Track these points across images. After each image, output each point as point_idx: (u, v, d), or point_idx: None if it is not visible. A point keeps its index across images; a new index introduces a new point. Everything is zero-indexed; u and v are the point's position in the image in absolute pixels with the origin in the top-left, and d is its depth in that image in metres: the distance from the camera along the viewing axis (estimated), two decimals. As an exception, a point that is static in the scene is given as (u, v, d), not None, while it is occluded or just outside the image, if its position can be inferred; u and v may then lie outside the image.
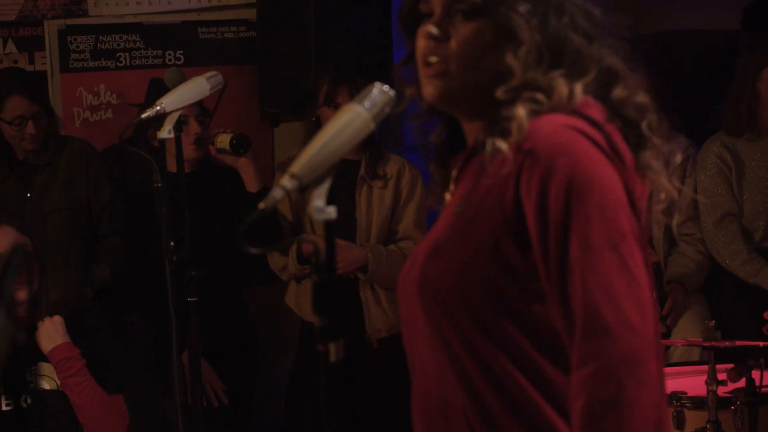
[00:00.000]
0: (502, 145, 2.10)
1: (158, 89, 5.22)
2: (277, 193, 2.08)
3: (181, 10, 5.80)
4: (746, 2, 6.03)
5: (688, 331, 5.02)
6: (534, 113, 2.12)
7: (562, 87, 2.14)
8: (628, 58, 2.23)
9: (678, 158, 5.18)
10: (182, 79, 3.74)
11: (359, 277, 4.99)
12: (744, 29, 6.11)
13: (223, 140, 4.83)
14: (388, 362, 4.92)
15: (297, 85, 5.41)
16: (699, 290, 5.28)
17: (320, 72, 5.05)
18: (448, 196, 2.32)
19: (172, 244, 3.47)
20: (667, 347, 5.05)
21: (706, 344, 3.54)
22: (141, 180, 4.88)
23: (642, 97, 2.21)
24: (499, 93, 2.16)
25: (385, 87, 2.20)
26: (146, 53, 5.79)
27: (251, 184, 5.01)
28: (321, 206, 2.12)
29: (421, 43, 2.22)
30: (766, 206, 5.18)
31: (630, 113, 2.19)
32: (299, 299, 5.14)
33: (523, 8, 2.16)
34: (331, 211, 2.13)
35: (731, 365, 3.64)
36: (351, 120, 2.15)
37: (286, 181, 2.10)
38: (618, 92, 2.19)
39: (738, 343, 3.54)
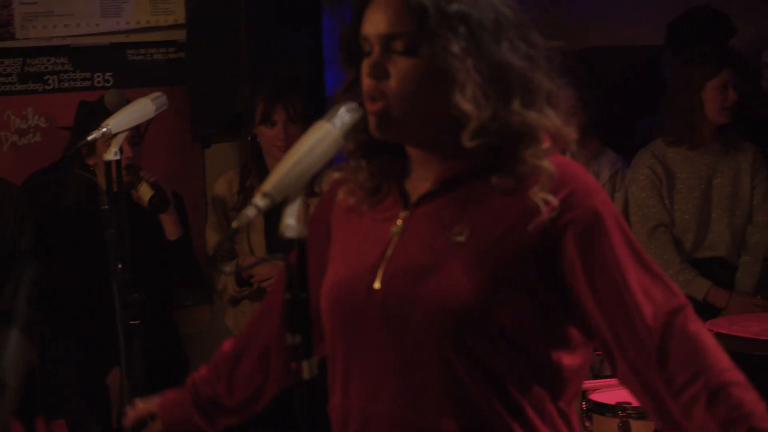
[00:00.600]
0: (550, 197, 2.16)
1: (87, 112, 5.20)
2: (249, 211, 2.08)
3: (110, 32, 5.75)
4: (670, 19, 6.13)
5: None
6: (545, 155, 2.19)
7: (539, 122, 2.20)
8: (557, 80, 2.27)
9: (605, 174, 5.30)
10: (123, 101, 3.72)
11: (299, 297, 4.98)
12: (668, 46, 6.22)
13: (144, 193, 4.74)
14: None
15: (229, 106, 5.41)
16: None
17: (254, 91, 5.05)
18: (400, 223, 2.30)
19: (120, 266, 3.45)
20: (603, 359, 5.09)
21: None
22: (76, 202, 4.84)
23: (571, 131, 2.26)
24: (465, 140, 2.18)
25: (354, 105, 2.21)
26: (75, 76, 5.74)
27: (170, 233, 4.96)
28: (293, 224, 2.12)
29: (365, 80, 2.24)
30: (696, 217, 5.27)
31: (560, 144, 2.26)
32: (238, 320, 5.13)
33: (457, 48, 2.16)
34: (303, 229, 2.13)
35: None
36: (322, 138, 2.16)
37: (259, 200, 2.10)
38: (555, 120, 2.24)
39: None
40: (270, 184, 2.10)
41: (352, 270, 2.30)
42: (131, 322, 3.75)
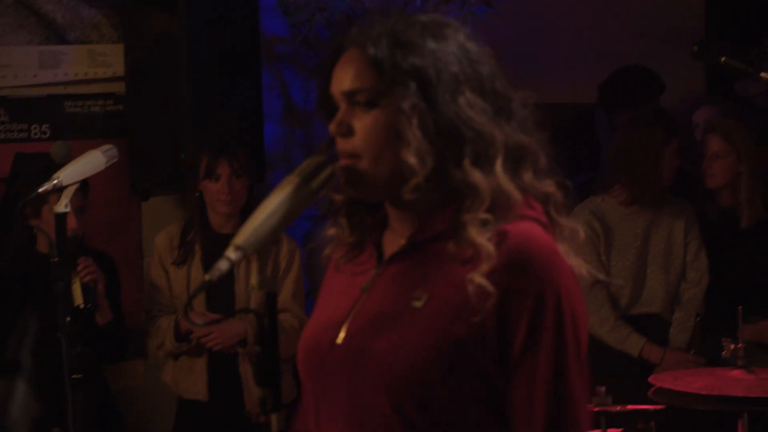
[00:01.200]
0: (485, 284, 2.11)
1: (23, 164, 5.17)
2: (222, 264, 2.09)
3: (47, 84, 5.73)
4: (601, 77, 6.23)
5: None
6: (487, 227, 2.15)
7: (484, 183, 2.15)
8: (535, 131, 2.25)
9: (581, 234, 5.34)
10: (69, 153, 3.70)
11: (238, 352, 4.96)
12: (600, 104, 6.31)
13: (76, 294, 4.68)
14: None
15: (168, 159, 5.40)
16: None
17: (198, 146, 5.05)
18: (370, 278, 2.30)
19: (68, 319, 3.42)
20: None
21: (597, 409, 3.63)
22: (12, 256, 4.80)
23: (548, 185, 2.23)
24: (405, 193, 2.19)
25: (325, 159, 2.23)
26: (11, 127, 5.70)
27: (100, 318, 4.91)
28: (264, 278, 2.13)
29: (336, 137, 2.26)
30: (631, 273, 5.33)
31: (539, 197, 2.23)
32: (176, 376, 5.09)
33: (406, 104, 2.17)
34: (273, 282, 2.14)
35: (620, 429, 3.73)
36: (294, 192, 2.16)
37: (231, 253, 2.10)
38: (528, 177, 2.21)
39: (629, 407, 3.63)
40: (242, 237, 2.11)
41: (323, 324, 2.32)
42: (73, 376, 3.71)
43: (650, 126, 5.32)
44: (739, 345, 3.58)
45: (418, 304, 2.19)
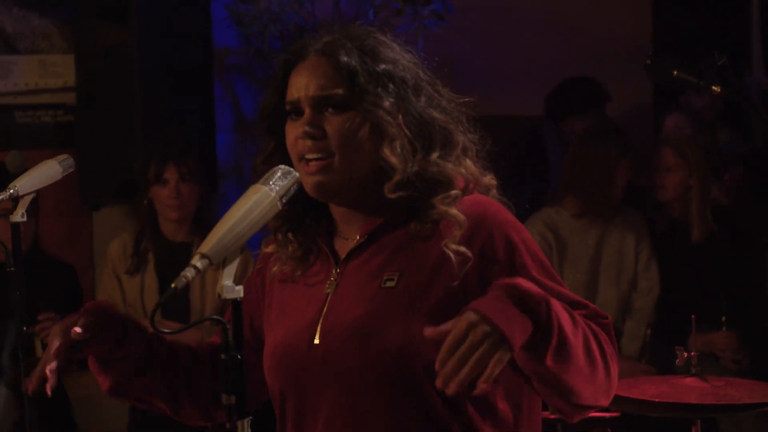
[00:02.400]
0: (462, 249, 2.25)
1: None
2: (188, 272, 2.09)
3: (-3, 94, 5.72)
4: (548, 91, 6.28)
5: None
6: (455, 202, 2.28)
7: (454, 172, 2.30)
8: (469, 131, 2.41)
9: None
10: (24, 163, 3.68)
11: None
12: (547, 115, 6.36)
13: (37, 345, 4.67)
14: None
15: (119, 169, 5.39)
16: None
17: (147, 156, 5.07)
18: (332, 279, 2.37)
19: (25, 329, 3.40)
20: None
21: (554, 416, 3.65)
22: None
23: (488, 178, 2.40)
24: (388, 192, 2.28)
25: (289, 168, 2.25)
26: (-39, 137, 5.68)
27: None
28: (230, 285, 2.14)
29: (297, 143, 2.31)
30: (584, 283, 5.37)
31: (480, 190, 2.38)
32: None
33: (387, 103, 2.28)
34: (240, 290, 2.15)
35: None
36: (259, 201, 2.17)
37: (197, 261, 2.11)
38: (473, 169, 2.37)
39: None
40: (208, 245, 2.12)
41: (292, 330, 2.35)
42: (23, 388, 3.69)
43: (604, 141, 5.37)
44: (692, 353, 3.62)
45: (391, 284, 2.28)
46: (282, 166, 2.25)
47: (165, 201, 4.98)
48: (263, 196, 2.19)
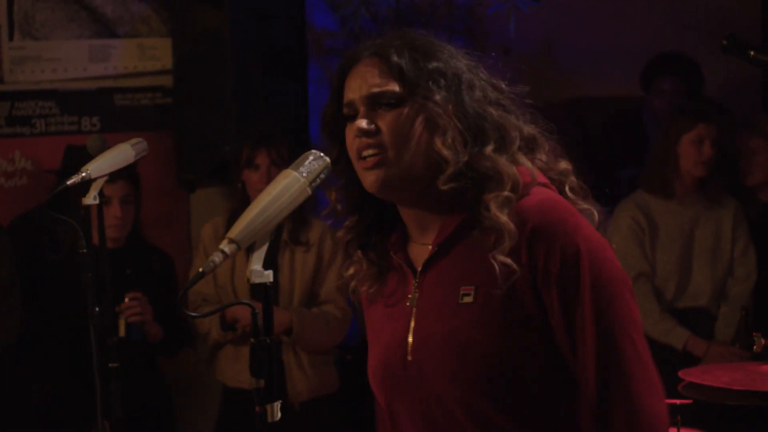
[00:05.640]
0: (508, 262, 2.22)
1: (74, 156, 5.22)
2: (216, 257, 2.12)
3: (97, 77, 5.81)
4: (641, 68, 6.20)
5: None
6: (509, 205, 2.25)
7: (508, 168, 2.27)
8: (538, 124, 2.38)
9: (596, 217, 5.33)
10: (104, 146, 3.73)
11: (282, 340, 5.01)
12: (642, 89, 6.28)
13: (121, 324, 4.80)
14: (309, 425, 4.96)
15: (214, 152, 5.45)
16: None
17: (240, 138, 5.10)
18: (413, 292, 2.38)
19: (97, 310, 3.46)
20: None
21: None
22: (67, 247, 4.87)
23: (563, 163, 2.36)
24: (441, 184, 2.28)
25: (321, 153, 2.26)
26: (62, 119, 5.78)
27: (151, 338, 5.04)
28: (259, 270, 2.15)
29: (354, 142, 2.33)
30: (677, 267, 5.30)
31: (554, 176, 2.34)
32: (222, 365, 5.14)
33: (438, 96, 2.29)
34: (269, 275, 2.17)
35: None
36: (288, 186, 2.20)
37: (225, 246, 2.13)
38: (542, 158, 2.34)
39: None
40: (236, 230, 2.14)
41: (385, 348, 2.39)
42: (110, 365, 3.76)
43: (674, 115, 5.30)
44: (771, 340, 3.54)
45: (468, 299, 2.28)
46: (313, 151, 2.26)
47: (256, 186, 5.00)
48: (292, 180, 2.20)
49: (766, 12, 6.87)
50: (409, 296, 2.38)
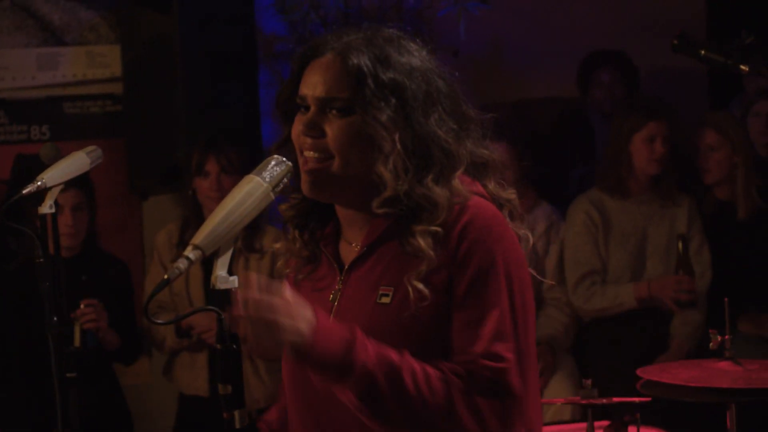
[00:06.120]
0: (418, 285, 2.26)
1: (24, 165, 5.20)
2: (181, 263, 2.11)
3: (46, 85, 5.78)
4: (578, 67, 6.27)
5: (559, 390, 5.13)
6: (435, 238, 2.27)
7: (443, 200, 2.28)
8: (491, 143, 2.40)
9: (540, 227, 5.36)
10: (58, 155, 3.70)
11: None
12: (582, 89, 6.32)
13: (75, 332, 4.75)
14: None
15: (166, 158, 5.43)
16: (567, 351, 5.40)
17: (191, 144, 5.09)
18: (337, 288, 2.40)
19: (55, 319, 3.44)
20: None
21: (584, 401, 3.63)
22: (21, 257, 4.84)
23: (509, 192, 2.40)
24: (375, 207, 2.29)
25: (283, 158, 2.26)
26: (11, 129, 5.75)
27: (108, 345, 5.01)
28: (224, 276, 2.16)
29: (300, 137, 2.33)
30: (629, 264, 5.33)
31: (499, 202, 2.39)
32: (178, 372, 5.13)
33: (385, 116, 2.28)
34: (234, 280, 2.17)
35: (607, 422, 3.74)
36: (251, 191, 2.19)
37: (190, 252, 2.13)
38: (489, 184, 2.38)
39: (615, 399, 3.63)
40: (200, 236, 2.14)
41: None
42: (67, 375, 3.73)
43: (624, 113, 5.34)
44: (726, 336, 3.57)
45: (386, 299, 2.30)
46: (275, 156, 2.26)
47: (206, 193, 4.98)
48: (255, 186, 2.20)
49: (712, 10, 6.93)
50: (332, 291, 2.40)
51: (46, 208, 3.43)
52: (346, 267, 2.39)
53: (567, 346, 5.39)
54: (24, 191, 3.37)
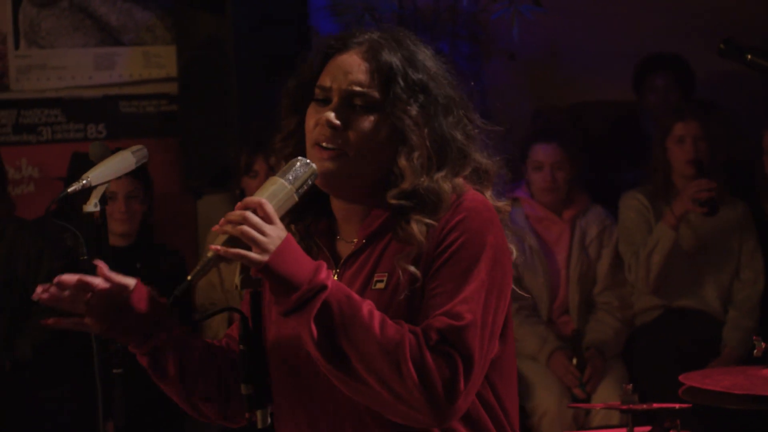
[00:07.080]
0: (411, 269, 2.27)
1: (80, 163, 5.24)
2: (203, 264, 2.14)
3: (103, 85, 5.84)
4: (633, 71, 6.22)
5: (607, 395, 5.10)
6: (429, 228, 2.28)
7: (447, 197, 2.30)
8: (493, 160, 2.41)
9: (593, 230, 5.32)
10: (106, 153, 3.73)
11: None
12: (637, 93, 6.26)
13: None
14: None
15: (219, 158, 5.47)
16: (617, 356, 5.37)
17: (243, 145, 5.12)
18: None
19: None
20: (587, 411, 5.13)
21: (624, 407, 3.61)
22: (69, 253, 4.89)
23: (503, 203, 2.40)
24: (390, 197, 2.30)
25: (307, 160, 2.27)
26: (68, 127, 5.81)
27: None
28: (248, 277, 2.17)
29: (316, 128, 2.33)
30: (682, 270, 5.30)
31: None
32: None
33: (414, 111, 2.30)
34: (258, 281, 2.18)
35: (648, 427, 3.71)
36: (275, 192, 2.21)
37: (212, 254, 2.15)
38: (488, 195, 2.38)
39: (655, 405, 3.61)
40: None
41: (292, 329, 2.32)
42: (114, 371, 3.76)
43: (663, 116, 5.30)
44: (771, 344, 3.52)
45: (381, 285, 2.30)
46: (300, 158, 2.27)
47: (254, 192, 5.02)
48: (279, 187, 2.22)
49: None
50: None
51: (91, 206, 3.47)
52: (342, 261, 2.38)
53: (617, 351, 5.35)
54: (69, 189, 3.41)
